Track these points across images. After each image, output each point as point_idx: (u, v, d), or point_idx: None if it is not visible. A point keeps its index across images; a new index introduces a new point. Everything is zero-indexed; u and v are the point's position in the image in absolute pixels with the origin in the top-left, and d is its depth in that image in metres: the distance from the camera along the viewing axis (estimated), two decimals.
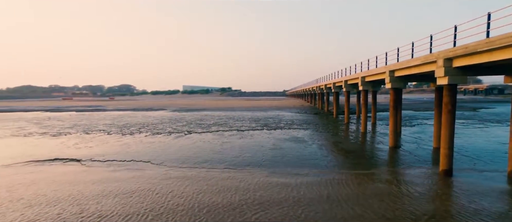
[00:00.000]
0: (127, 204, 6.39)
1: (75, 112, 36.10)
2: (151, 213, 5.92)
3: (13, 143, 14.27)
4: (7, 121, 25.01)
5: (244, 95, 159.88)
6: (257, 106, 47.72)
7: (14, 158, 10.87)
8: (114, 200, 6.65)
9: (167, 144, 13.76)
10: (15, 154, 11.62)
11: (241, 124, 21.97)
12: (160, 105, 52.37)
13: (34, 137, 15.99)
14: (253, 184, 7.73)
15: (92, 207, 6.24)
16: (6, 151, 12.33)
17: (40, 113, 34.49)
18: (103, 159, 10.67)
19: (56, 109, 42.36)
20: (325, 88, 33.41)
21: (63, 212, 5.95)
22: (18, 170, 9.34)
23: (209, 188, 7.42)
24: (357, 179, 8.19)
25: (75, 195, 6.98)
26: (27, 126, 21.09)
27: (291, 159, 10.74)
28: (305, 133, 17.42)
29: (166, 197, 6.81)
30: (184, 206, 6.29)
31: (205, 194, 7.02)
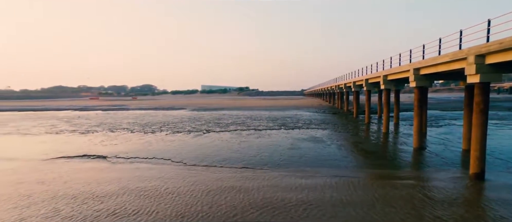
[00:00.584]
0: (146, 198, 6.63)
1: (101, 111, 38.01)
2: (171, 210, 6.08)
3: (47, 140, 15.29)
4: (42, 119, 26.87)
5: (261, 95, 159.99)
6: (275, 106, 47.55)
7: (47, 154, 11.65)
8: (133, 195, 6.92)
9: (187, 143, 14.10)
10: (48, 150, 12.46)
11: (259, 123, 22.01)
12: (179, 105, 53.79)
13: (65, 134, 17.04)
14: (271, 184, 7.71)
15: (112, 202, 6.53)
16: (41, 147, 13.25)
17: (70, 112, 36.71)
18: (126, 156, 11.14)
19: (84, 108, 44.86)
20: (344, 87, 32.59)
21: (85, 204, 6.29)
22: (51, 164, 10.00)
23: (227, 188, 7.50)
24: (379, 181, 7.90)
25: (97, 191, 7.34)
26: (58, 124, 22.52)
27: (309, 159, 10.59)
28: (324, 133, 17.10)
29: (185, 195, 6.97)
30: (202, 204, 6.40)
31: (223, 193, 7.11)
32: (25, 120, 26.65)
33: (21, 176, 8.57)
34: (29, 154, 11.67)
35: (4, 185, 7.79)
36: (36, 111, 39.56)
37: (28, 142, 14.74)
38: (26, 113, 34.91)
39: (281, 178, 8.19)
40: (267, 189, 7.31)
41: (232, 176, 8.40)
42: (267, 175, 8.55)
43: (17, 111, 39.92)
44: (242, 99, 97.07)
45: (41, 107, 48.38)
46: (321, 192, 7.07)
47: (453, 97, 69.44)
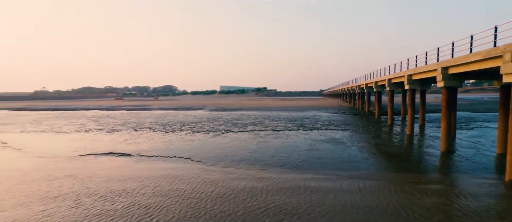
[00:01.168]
0: (164, 196, 6.82)
1: (125, 111, 39.78)
2: (185, 209, 6.21)
3: (77, 138, 16.26)
4: (73, 118, 28.63)
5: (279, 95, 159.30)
6: (293, 106, 47.10)
7: (77, 151, 12.39)
8: (151, 192, 7.15)
9: (206, 142, 14.36)
10: (78, 147, 13.24)
11: (277, 124, 21.91)
12: (198, 105, 54.94)
13: (93, 133, 18.02)
14: (288, 186, 7.64)
15: (132, 197, 6.79)
16: (71, 144, 14.11)
17: (97, 111, 38.79)
18: (149, 154, 11.56)
19: (110, 108, 47.18)
20: (365, 87, 31.60)
21: (107, 198, 6.60)
22: (80, 160, 10.62)
23: (244, 188, 7.53)
24: (404, 186, 7.55)
25: (119, 186, 7.67)
26: (87, 123, 23.88)
27: (328, 161, 10.37)
28: (344, 134, 16.67)
29: (201, 194, 7.09)
30: (218, 204, 6.47)
31: (239, 193, 7.14)
32: (58, 118, 28.53)
33: (52, 171, 9.18)
34: (61, 151, 12.46)
35: (37, 178, 8.39)
36: (67, 110, 42.24)
37: (60, 140, 15.76)
38: (59, 112, 37.37)
39: (299, 180, 8.08)
40: (284, 190, 7.24)
41: (250, 177, 8.43)
42: (284, 176, 8.48)
43: (51, 110, 42.84)
44: (260, 99, 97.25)
45: (72, 107, 51.58)
46: (341, 195, 6.88)
47: (486, 98, 64.85)
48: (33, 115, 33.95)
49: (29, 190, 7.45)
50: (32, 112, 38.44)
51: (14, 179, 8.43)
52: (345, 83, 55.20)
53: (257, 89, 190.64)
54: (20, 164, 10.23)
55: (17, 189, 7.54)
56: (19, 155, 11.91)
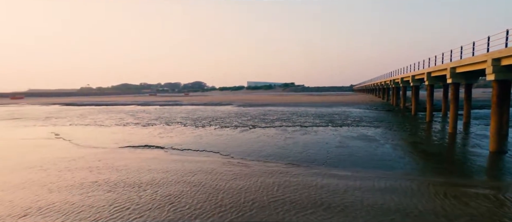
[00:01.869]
0: (195, 189, 7.08)
1: (159, 106, 41.98)
2: (215, 203, 6.38)
3: (116, 131, 17.57)
4: (112, 113, 30.97)
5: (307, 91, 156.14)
6: (322, 102, 45.90)
7: (117, 143, 13.38)
8: (183, 183, 7.46)
9: (234, 137, 14.62)
10: (117, 140, 14.31)
11: (305, 120, 21.54)
12: (226, 101, 56.03)
13: (130, 127, 19.32)
14: (315, 184, 7.49)
15: (166, 187, 7.15)
16: (112, 137, 15.28)
17: (134, 107, 41.47)
18: (180, 148, 12.09)
19: (145, 103, 50.18)
20: (401, 82, 29.66)
21: (141, 187, 7.03)
22: (119, 152, 11.47)
23: (271, 183, 7.54)
24: (445, 188, 6.98)
25: (153, 177, 8.13)
26: (125, 117, 25.67)
27: (359, 159, 9.95)
28: (376, 131, 15.85)
29: (228, 187, 7.23)
30: (245, 199, 6.55)
31: (268, 189, 7.16)
32: (100, 113, 31.07)
33: (94, 160, 10.04)
34: (103, 143, 13.57)
35: (81, 166, 9.25)
36: (108, 105, 45.79)
37: (102, 132, 17.16)
38: (101, 107, 40.68)
39: (328, 177, 7.87)
40: (311, 188, 7.11)
41: (277, 172, 8.41)
42: (313, 173, 8.32)
43: (94, 105, 46.79)
44: (287, 95, 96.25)
45: (112, 102, 55.80)
46: (371, 195, 6.57)
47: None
48: (79, 109, 37.37)
49: (73, 175, 8.28)
50: (78, 107, 42.33)
51: (62, 165, 9.40)
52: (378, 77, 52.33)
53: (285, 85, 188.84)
54: (68, 153, 11.35)
55: (64, 174, 8.41)
56: (68, 145, 13.21)
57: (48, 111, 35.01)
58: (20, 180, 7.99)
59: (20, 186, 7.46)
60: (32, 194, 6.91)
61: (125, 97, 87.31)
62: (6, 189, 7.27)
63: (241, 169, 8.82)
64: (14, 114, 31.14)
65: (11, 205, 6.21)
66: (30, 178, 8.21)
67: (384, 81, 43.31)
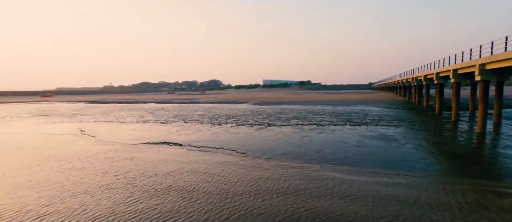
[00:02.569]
0: (212, 181, 7.19)
1: (177, 104, 43.02)
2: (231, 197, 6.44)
3: (137, 128, 18.22)
4: (133, 110, 32.15)
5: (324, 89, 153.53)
6: (339, 100, 44.94)
7: (138, 140, 13.88)
8: (199, 178, 7.60)
9: (250, 135, 14.68)
10: (137, 136, 14.84)
11: (321, 118, 21.20)
12: (242, 99, 56.33)
13: (149, 124, 19.96)
14: (334, 183, 7.36)
15: (181, 180, 7.31)
16: (132, 134, 15.87)
17: (153, 104, 42.78)
18: (197, 145, 12.33)
19: (163, 101, 51.60)
20: (424, 79, 28.40)
21: (160, 180, 7.23)
22: (139, 148, 11.89)
23: (287, 182, 7.50)
24: (470, 192, 6.61)
25: (170, 171, 8.34)
26: (145, 115, 26.55)
27: (378, 158, 9.65)
28: (397, 131, 15.29)
29: (243, 185, 7.27)
30: (260, 197, 6.56)
31: (281, 187, 7.13)
32: (122, 110, 32.36)
33: (116, 155, 10.48)
34: (124, 139, 14.13)
35: (104, 159, 9.68)
36: (128, 103, 47.58)
37: (124, 129, 17.86)
38: (122, 105, 42.34)
39: (345, 178, 7.71)
40: (326, 189, 7.00)
41: (294, 171, 8.35)
42: (330, 173, 8.19)
43: (116, 103, 48.79)
44: (303, 93, 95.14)
45: (132, 100, 57.93)
46: (392, 197, 6.36)
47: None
48: (103, 107, 39.12)
49: (95, 168, 8.70)
50: (102, 105, 44.32)
51: (86, 159, 9.90)
52: (399, 75, 50.42)
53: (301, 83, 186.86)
54: (92, 148, 11.93)
55: (87, 167, 8.86)
56: (92, 141, 13.89)
57: (74, 108, 36.98)
58: (49, 171, 8.54)
59: (49, 177, 7.95)
60: (58, 184, 7.34)
61: (145, 96, 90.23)
62: (36, 178, 7.79)
63: (256, 166, 8.85)
64: (44, 111, 33.19)
65: (38, 196, 6.64)
66: (57, 170, 8.73)
67: (405, 79, 41.65)
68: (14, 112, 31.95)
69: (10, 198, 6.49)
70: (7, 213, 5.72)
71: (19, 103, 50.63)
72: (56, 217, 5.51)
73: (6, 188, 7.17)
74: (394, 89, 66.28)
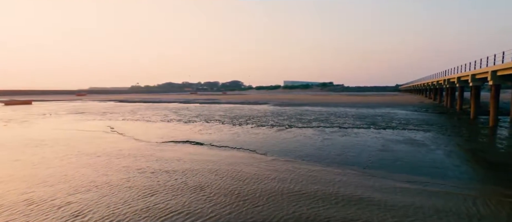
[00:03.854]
0: (228, 179, 7.25)
1: (199, 104, 44.10)
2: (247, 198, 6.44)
3: (161, 126, 18.93)
4: (158, 110, 33.47)
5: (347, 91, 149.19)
6: (363, 102, 43.41)
7: (162, 138, 14.41)
8: (219, 177, 7.69)
9: (270, 136, 14.64)
10: (162, 134, 15.41)
11: (344, 121, 20.61)
12: (263, 100, 56.39)
13: (173, 123, 20.64)
14: (357, 189, 7.10)
15: (199, 178, 7.44)
16: (157, 132, 16.51)
17: (177, 104, 44.22)
18: (219, 144, 12.53)
19: (186, 101, 53.16)
20: (457, 81, 26.61)
21: (182, 178, 7.42)
22: (163, 146, 12.34)
23: (310, 185, 7.37)
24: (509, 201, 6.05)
25: (194, 168, 8.54)
26: (169, 114, 27.52)
27: (405, 164, 9.16)
28: (426, 136, 14.43)
29: (263, 185, 7.24)
30: (278, 200, 6.49)
31: (301, 189, 7.01)
32: (147, 109, 33.82)
33: (140, 151, 10.95)
34: (149, 137, 14.73)
35: (129, 155, 10.16)
36: (154, 102, 49.63)
37: (149, 127, 18.64)
38: (148, 104, 44.25)
39: (369, 183, 7.41)
40: (348, 194, 6.76)
41: (314, 174, 8.19)
42: (352, 177, 7.92)
43: (143, 102, 51.09)
44: (325, 95, 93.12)
45: (157, 100, 60.33)
46: (421, 205, 5.99)
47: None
48: (130, 106, 41.17)
49: (120, 163, 9.20)
50: (129, 104, 46.65)
51: (113, 154, 10.46)
52: (429, 77, 47.66)
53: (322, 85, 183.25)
54: (119, 145, 12.57)
55: (113, 161, 9.39)
56: (120, 138, 14.65)
57: (105, 107, 39.30)
58: (77, 164, 9.19)
59: (79, 169, 8.52)
60: (83, 176, 7.83)
61: (169, 95, 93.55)
62: (68, 170, 8.38)
63: (276, 167, 8.79)
64: (78, 109, 35.64)
65: (69, 186, 7.13)
66: (87, 163, 9.34)
67: (436, 81, 39.29)
68: (53, 110, 34.66)
69: (43, 187, 7.09)
70: (36, 199, 6.35)
71: (58, 102, 54.86)
72: (75, 205, 6.02)
73: (40, 178, 7.87)
74: (423, 92, 62.68)
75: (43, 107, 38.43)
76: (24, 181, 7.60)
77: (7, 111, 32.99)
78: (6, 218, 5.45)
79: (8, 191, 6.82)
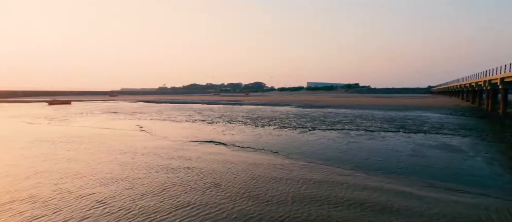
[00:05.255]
0: (250, 179, 7.24)
1: (222, 105, 44.86)
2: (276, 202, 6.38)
3: (186, 126, 19.53)
4: (183, 110, 34.60)
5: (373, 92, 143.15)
6: (391, 105, 41.33)
7: (187, 137, 14.86)
8: (242, 177, 7.71)
9: (293, 138, 14.46)
10: (187, 134, 15.88)
11: (370, 124, 19.76)
12: (285, 101, 55.95)
13: (197, 123, 21.20)
14: (383, 193, 6.74)
15: (224, 176, 7.51)
16: (182, 132, 17.05)
17: (201, 105, 45.39)
18: (241, 145, 12.62)
19: (210, 102, 54.37)
20: (500, 82, 24.39)
21: (204, 176, 7.54)
22: (188, 145, 12.70)
23: (337, 188, 7.14)
24: None
25: (216, 168, 8.66)
26: (193, 115, 28.33)
27: (439, 171, 8.54)
28: (464, 141, 13.35)
29: (284, 187, 7.14)
30: (302, 203, 6.35)
31: (324, 193, 6.81)
32: (173, 110, 35.11)
33: (165, 150, 11.35)
34: (175, 136, 15.26)
35: (154, 153, 10.59)
36: (179, 103, 51.39)
37: (175, 127, 19.32)
38: (174, 105, 45.93)
39: (399, 189, 7.00)
40: (376, 200, 6.43)
41: (339, 179, 7.93)
42: (379, 182, 7.54)
43: (169, 103, 53.16)
44: (350, 96, 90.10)
45: (183, 100, 62.41)
46: (460, 217, 5.53)
47: None
48: (157, 106, 43.01)
49: (146, 160, 9.67)
50: (157, 104, 48.77)
51: (139, 152, 10.98)
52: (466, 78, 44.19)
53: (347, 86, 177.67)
54: (147, 143, 13.15)
55: (139, 158, 9.88)
56: (148, 136, 15.34)
57: (135, 107, 41.47)
58: (108, 159, 9.83)
59: (107, 164, 9.05)
60: (112, 170, 8.28)
61: (193, 96, 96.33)
62: (97, 164, 8.94)
63: (299, 170, 8.64)
64: (111, 109, 37.99)
65: (96, 178, 7.59)
66: (115, 158, 9.93)
67: (475, 82, 36.33)
68: (89, 109, 37.32)
69: (73, 179, 7.72)
70: (66, 189, 7.00)
71: (93, 102, 58.98)
72: (100, 195, 6.67)
73: (72, 170, 8.54)
74: (459, 94, 58.19)
75: (80, 107, 41.53)
76: (59, 173, 8.46)
77: (50, 110, 36.10)
78: (41, 204, 6.19)
79: (44, 182, 7.62)
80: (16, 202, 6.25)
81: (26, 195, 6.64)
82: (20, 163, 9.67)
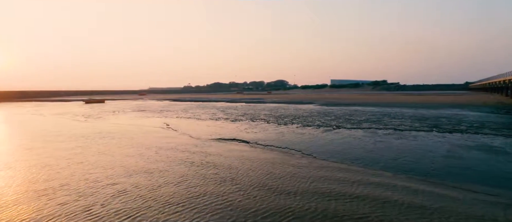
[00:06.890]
0: (268, 178, 7.20)
1: (244, 103, 45.25)
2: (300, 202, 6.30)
3: (210, 124, 19.98)
4: (207, 108, 35.46)
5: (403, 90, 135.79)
6: (422, 102, 38.89)
7: (211, 135, 15.20)
8: (262, 176, 7.70)
9: (316, 137, 14.18)
10: (211, 132, 16.25)
11: (400, 123, 18.75)
12: (308, 99, 55.01)
13: (221, 121, 21.59)
14: (417, 196, 6.37)
15: (246, 174, 7.55)
16: (206, 130, 17.48)
17: (224, 103, 46.18)
18: (264, 143, 12.64)
19: (233, 100, 55.11)
20: None
21: (228, 173, 7.64)
22: (212, 142, 12.99)
23: (359, 190, 6.90)
24: None
25: (240, 166, 8.74)
26: (217, 113, 28.90)
27: (478, 174, 7.87)
28: (507, 142, 12.19)
29: (308, 187, 7.01)
30: (326, 204, 6.20)
31: (351, 193, 6.59)
32: (197, 108, 36.12)
33: (189, 147, 11.70)
34: (199, 134, 15.68)
35: (178, 149, 10.95)
36: (203, 102, 52.72)
37: (199, 125, 19.86)
38: (198, 103, 47.22)
39: (434, 191, 6.57)
40: (407, 201, 6.09)
41: (366, 178, 7.63)
42: (411, 184, 7.13)
43: (193, 101, 54.77)
44: (377, 94, 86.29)
45: (206, 99, 63.95)
46: None
47: None
48: (183, 104, 44.51)
49: (168, 155, 10.04)
50: (182, 102, 50.49)
51: (164, 148, 11.45)
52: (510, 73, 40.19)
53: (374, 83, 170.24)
54: (172, 140, 13.68)
55: (164, 153, 10.35)
56: (173, 133, 15.93)
57: (162, 105, 43.33)
58: (135, 154, 10.50)
59: (133, 157, 9.57)
60: (137, 163, 8.72)
61: (217, 95, 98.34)
62: (124, 158, 9.49)
63: (324, 170, 8.46)
64: (140, 107, 40.08)
65: (122, 170, 8.04)
66: (141, 153, 10.58)
67: None
68: (120, 107, 39.69)
69: (101, 170, 8.29)
70: (94, 179, 7.73)
71: (124, 100, 62.62)
72: (123, 185, 7.26)
73: (101, 163, 9.20)
74: (503, 90, 53.12)
75: (113, 105, 44.33)
76: (90, 164, 9.28)
77: (86, 108, 38.99)
78: (71, 192, 6.92)
79: (76, 172, 8.45)
80: (51, 189, 7.06)
81: (59, 183, 7.53)
82: (59, 154, 10.85)
